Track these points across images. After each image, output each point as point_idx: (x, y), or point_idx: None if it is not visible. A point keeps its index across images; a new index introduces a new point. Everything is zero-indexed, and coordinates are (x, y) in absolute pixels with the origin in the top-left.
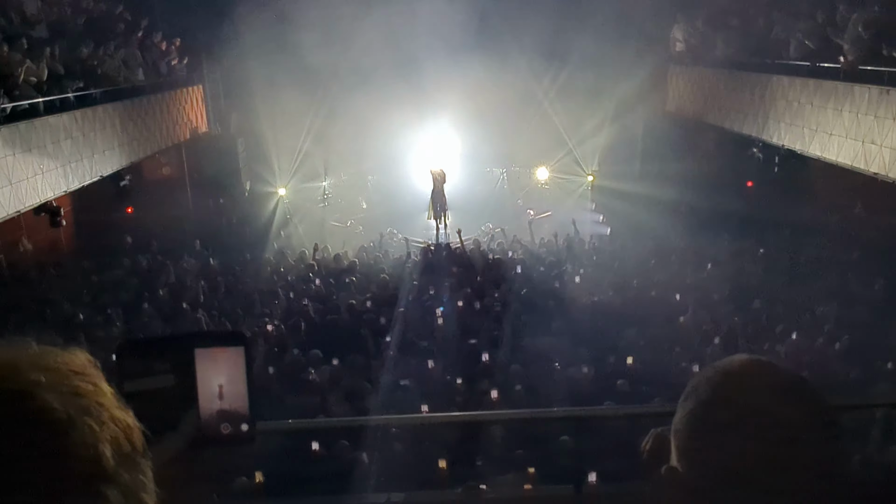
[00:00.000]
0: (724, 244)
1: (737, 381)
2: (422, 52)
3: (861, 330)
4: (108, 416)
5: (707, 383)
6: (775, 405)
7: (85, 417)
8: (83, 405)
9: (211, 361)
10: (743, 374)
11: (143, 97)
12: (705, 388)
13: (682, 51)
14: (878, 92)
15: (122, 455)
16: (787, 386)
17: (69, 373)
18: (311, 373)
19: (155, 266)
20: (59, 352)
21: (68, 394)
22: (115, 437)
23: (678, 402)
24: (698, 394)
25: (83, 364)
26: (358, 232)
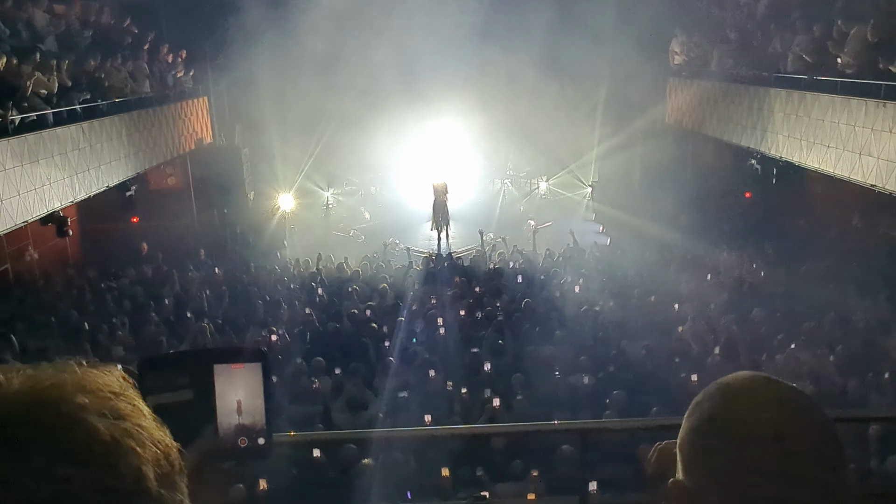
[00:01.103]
0: (723, 255)
1: (740, 397)
2: (425, 65)
3: (859, 341)
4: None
5: (710, 399)
6: (778, 420)
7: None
8: (126, 428)
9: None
10: (745, 389)
11: (149, 109)
12: (709, 404)
13: (681, 64)
14: (874, 105)
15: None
16: (789, 401)
17: (110, 395)
18: (314, 381)
19: (160, 275)
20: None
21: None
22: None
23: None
24: (702, 409)
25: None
26: (360, 242)
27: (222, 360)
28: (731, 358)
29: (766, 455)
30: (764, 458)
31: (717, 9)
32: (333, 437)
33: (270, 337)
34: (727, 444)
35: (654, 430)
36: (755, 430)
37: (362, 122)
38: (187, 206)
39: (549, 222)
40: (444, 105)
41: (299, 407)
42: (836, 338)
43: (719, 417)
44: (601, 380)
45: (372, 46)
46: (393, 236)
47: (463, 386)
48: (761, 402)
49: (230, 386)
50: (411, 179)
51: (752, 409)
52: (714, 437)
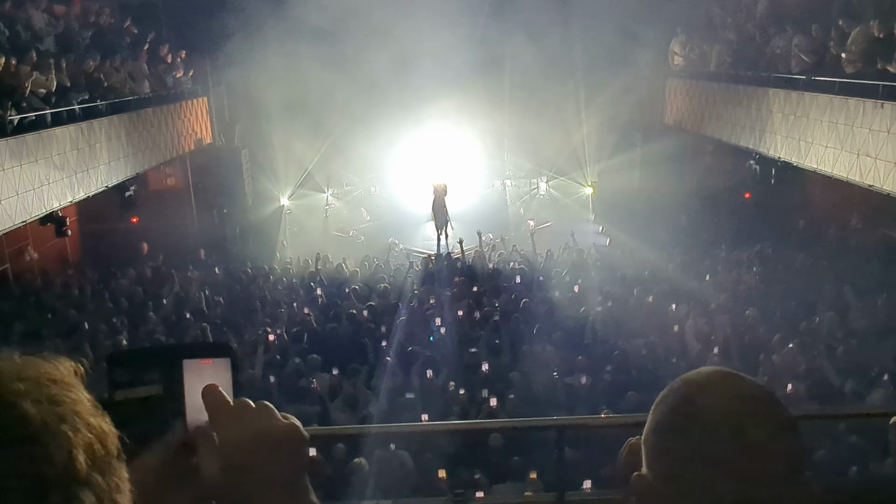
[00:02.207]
0: (722, 254)
1: (701, 390)
2: (424, 66)
3: (858, 340)
4: (83, 423)
5: (674, 393)
6: (738, 413)
7: (61, 424)
8: (59, 413)
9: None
10: (707, 384)
11: (148, 109)
12: (672, 398)
13: (681, 64)
14: (872, 105)
15: (96, 459)
16: (749, 395)
17: (48, 382)
18: (312, 381)
19: (159, 275)
20: (41, 362)
21: (46, 402)
22: (89, 443)
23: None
24: (665, 403)
25: (62, 373)
26: (360, 242)
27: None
28: (729, 358)
29: (725, 449)
30: (723, 453)
31: (716, 9)
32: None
33: (268, 336)
34: (687, 438)
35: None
36: (715, 424)
37: (362, 123)
38: (187, 207)
39: (549, 223)
40: (443, 106)
41: (297, 407)
42: (834, 338)
43: (681, 412)
44: (599, 380)
45: (372, 48)
46: (393, 237)
47: (461, 386)
48: (722, 396)
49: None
50: (411, 180)
51: (713, 403)
52: (675, 431)
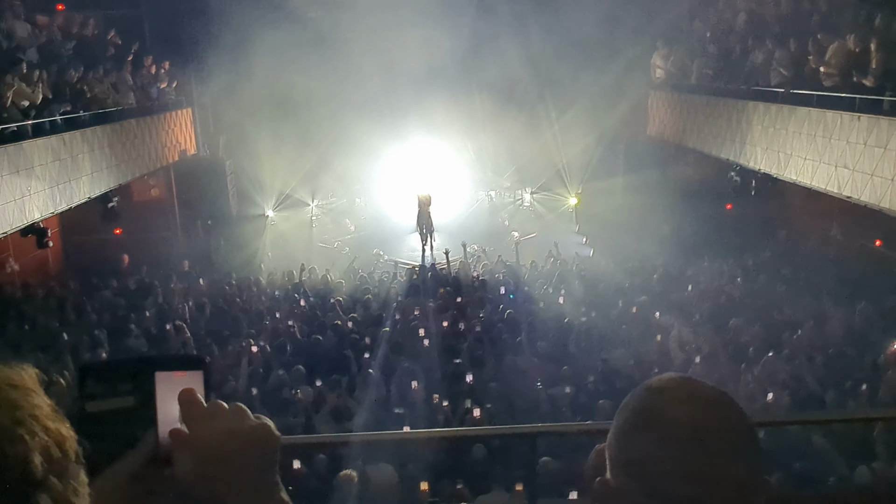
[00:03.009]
0: (705, 265)
1: (661, 396)
2: (410, 78)
3: (837, 350)
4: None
5: (636, 399)
6: (696, 418)
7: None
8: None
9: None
10: (668, 390)
11: (131, 120)
12: (634, 404)
13: (662, 77)
14: (849, 118)
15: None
16: (708, 400)
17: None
18: (296, 393)
19: (142, 287)
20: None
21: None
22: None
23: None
24: (627, 409)
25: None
26: (345, 253)
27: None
28: (711, 367)
29: (684, 453)
30: (682, 457)
31: (697, 23)
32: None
33: (251, 348)
34: (647, 443)
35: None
36: (674, 428)
37: (348, 134)
38: (171, 218)
39: (533, 234)
40: (429, 119)
41: (280, 419)
42: (815, 347)
43: (641, 417)
44: (583, 390)
45: (358, 60)
46: (377, 248)
47: (445, 397)
48: (682, 401)
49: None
50: (396, 191)
51: (673, 408)
52: (636, 436)
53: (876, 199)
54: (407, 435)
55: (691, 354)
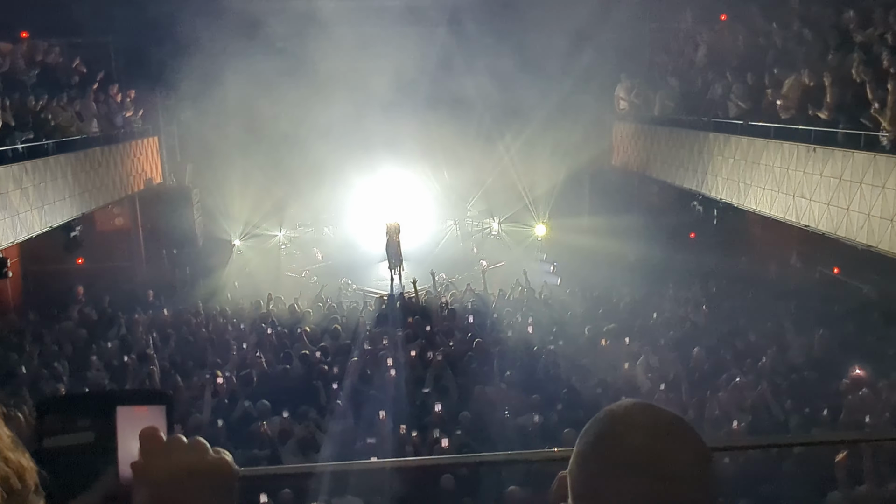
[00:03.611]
0: (669, 293)
1: (619, 422)
2: (378, 109)
3: (800, 376)
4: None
5: (595, 425)
6: (654, 445)
7: None
8: None
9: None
10: (626, 416)
11: (96, 148)
12: (593, 430)
13: (626, 108)
14: (805, 149)
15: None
16: (666, 427)
17: None
18: (262, 425)
19: (105, 318)
20: None
21: None
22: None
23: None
24: (587, 435)
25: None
26: (313, 282)
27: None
28: (677, 394)
29: (642, 479)
30: (639, 482)
31: (660, 56)
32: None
33: (216, 379)
34: (606, 468)
35: None
36: (632, 454)
37: (316, 163)
38: (135, 247)
39: (501, 262)
40: (397, 148)
41: (246, 451)
42: (778, 373)
43: (600, 443)
44: (551, 419)
45: (327, 89)
46: (346, 277)
47: (413, 427)
48: (639, 427)
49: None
50: (365, 219)
51: (631, 434)
52: (595, 462)
53: (832, 228)
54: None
55: (657, 381)
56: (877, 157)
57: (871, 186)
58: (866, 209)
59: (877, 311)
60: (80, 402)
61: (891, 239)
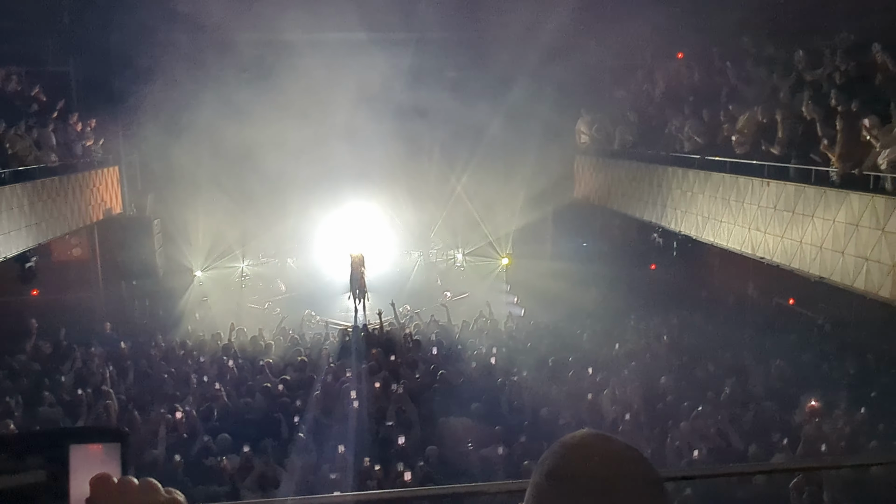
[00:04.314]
0: (632, 324)
1: (574, 452)
2: (342, 141)
3: (759, 405)
4: None
5: (551, 455)
6: (608, 474)
7: None
8: None
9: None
10: (580, 447)
11: (54, 178)
12: (549, 460)
13: (587, 142)
14: (759, 183)
15: None
16: (619, 456)
17: None
18: (222, 460)
19: (60, 351)
20: None
21: None
22: None
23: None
24: (543, 465)
25: None
26: (276, 314)
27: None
28: (640, 425)
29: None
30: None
31: (620, 92)
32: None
33: (175, 414)
34: (562, 498)
35: None
36: (586, 483)
37: (280, 194)
38: (93, 278)
39: (466, 294)
40: (362, 178)
41: (205, 488)
42: (737, 403)
43: (556, 473)
44: (515, 450)
45: (291, 120)
46: (309, 308)
47: (376, 461)
48: (593, 457)
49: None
50: (329, 251)
51: (585, 463)
52: (550, 492)
53: (787, 260)
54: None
55: (621, 412)
56: (827, 192)
57: (822, 220)
58: (818, 242)
59: (831, 342)
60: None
61: (842, 271)
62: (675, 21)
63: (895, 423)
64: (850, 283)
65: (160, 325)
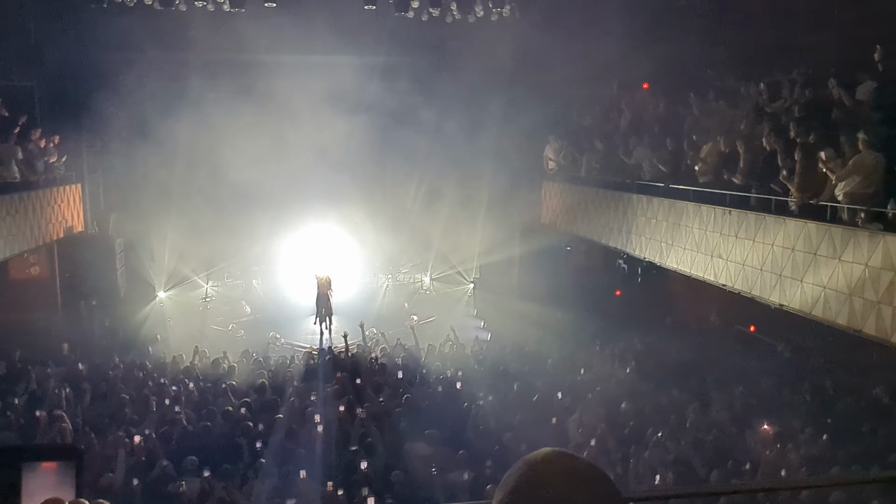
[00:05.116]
0: (597, 349)
1: (536, 470)
2: (311, 162)
3: (721, 431)
4: None
5: (514, 473)
6: (570, 491)
7: None
8: None
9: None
10: (543, 464)
11: (14, 194)
12: (513, 478)
13: (555, 168)
14: (721, 212)
15: None
16: (581, 475)
17: None
18: (181, 485)
19: (14, 372)
20: None
21: None
22: None
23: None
24: (507, 483)
25: None
26: (239, 336)
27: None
28: (604, 450)
29: None
30: None
31: (587, 120)
32: None
33: (133, 437)
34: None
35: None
36: (550, 500)
37: (245, 216)
38: (51, 298)
39: (432, 317)
40: (328, 201)
41: None
42: (699, 429)
43: (518, 491)
44: (482, 475)
45: (258, 142)
46: (274, 331)
47: (340, 486)
48: (556, 474)
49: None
50: (294, 273)
51: (547, 481)
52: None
53: (748, 288)
54: None
55: (586, 437)
56: (786, 221)
57: (781, 248)
58: (778, 270)
59: (790, 368)
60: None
61: (801, 299)
62: (640, 52)
63: (853, 451)
64: (808, 311)
65: (120, 347)
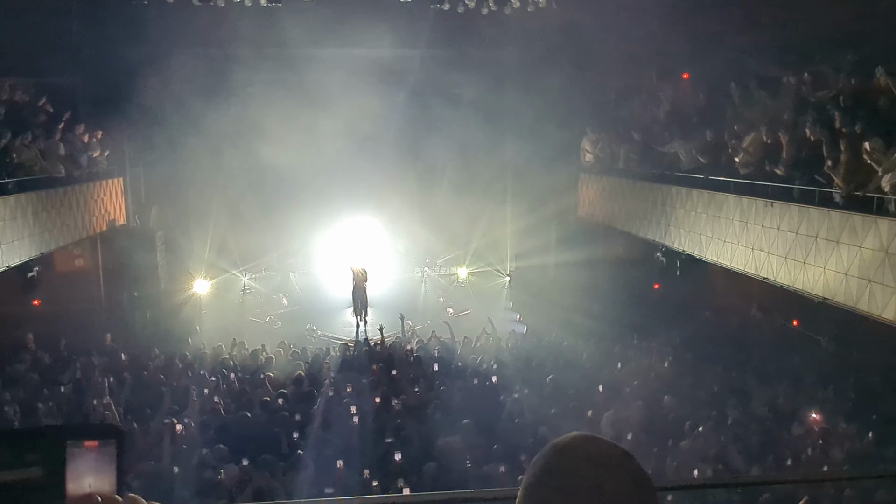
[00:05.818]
0: (634, 343)
1: (566, 453)
2: (348, 156)
3: (762, 426)
4: None
5: (542, 457)
6: (599, 474)
7: None
8: None
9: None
10: (570, 447)
11: (59, 188)
12: (540, 461)
13: (592, 161)
14: (763, 204)
15: None
16: (610, 457)
17: None
18: (220, 473)
19: (59, 361)
20: None
21: None
22: None
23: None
24: (534, 466)
25: None
26: (277, 328)
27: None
28: (639, 444)
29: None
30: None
31: (624, 111)
32: None
33: (175, 426)
34: (554, 498)
35: None
36: (578, 483)
37: (283, 208)
38: (95, 290)
39: (468, 310)
40: (365, 194)
41: (202, 500)
42: (740, 424)
43: (548, 473)
44: (516, 468)
45: (296, 135)
46: (311, 323)
47: (376, 476)
48: (584, 458)
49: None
50: (331, 265)
51: (576, 464)
52: (543, 492)
53: (790, 281)
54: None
55: (621, 431)
56: (831, 213)
57: (825, 241)
58: (822, 263)
59: (835, 364)
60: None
61: (845, 292)
62: (680, 42)
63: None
64: (853, 305)
65: (160, 337)
